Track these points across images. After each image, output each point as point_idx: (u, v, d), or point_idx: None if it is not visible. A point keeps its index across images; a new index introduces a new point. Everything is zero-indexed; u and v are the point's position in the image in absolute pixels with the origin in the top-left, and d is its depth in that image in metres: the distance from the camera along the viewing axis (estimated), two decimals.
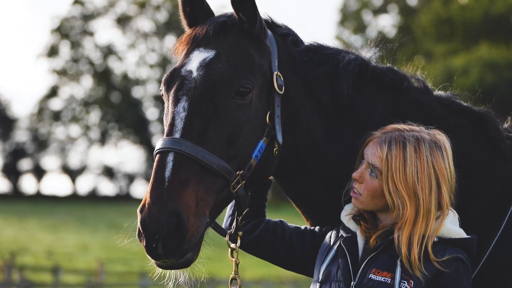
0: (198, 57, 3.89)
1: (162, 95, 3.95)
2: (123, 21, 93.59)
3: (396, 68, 4.29)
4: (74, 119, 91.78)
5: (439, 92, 4.34)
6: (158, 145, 3.73)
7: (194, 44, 3.95)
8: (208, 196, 3.67)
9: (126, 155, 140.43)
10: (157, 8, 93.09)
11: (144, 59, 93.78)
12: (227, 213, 4.21)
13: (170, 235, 3.53)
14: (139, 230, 3.57)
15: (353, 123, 4.11)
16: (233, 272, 3.93)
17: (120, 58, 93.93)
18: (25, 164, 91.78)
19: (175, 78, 3.88)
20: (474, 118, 4.23)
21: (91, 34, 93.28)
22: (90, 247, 45.21)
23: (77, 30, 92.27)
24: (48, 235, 49.40)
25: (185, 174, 3.62)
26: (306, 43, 4.20)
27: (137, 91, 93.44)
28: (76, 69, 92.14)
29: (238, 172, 3.77)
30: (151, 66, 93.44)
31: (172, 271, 3.76)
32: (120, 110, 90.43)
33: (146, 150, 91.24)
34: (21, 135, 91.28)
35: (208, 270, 3.83)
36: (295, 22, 4.27)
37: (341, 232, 3.93)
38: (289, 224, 4.19)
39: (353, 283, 3.75)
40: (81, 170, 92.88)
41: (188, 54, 3.94)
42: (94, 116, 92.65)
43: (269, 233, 4.12)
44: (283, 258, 4.13)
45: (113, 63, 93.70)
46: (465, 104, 4.32)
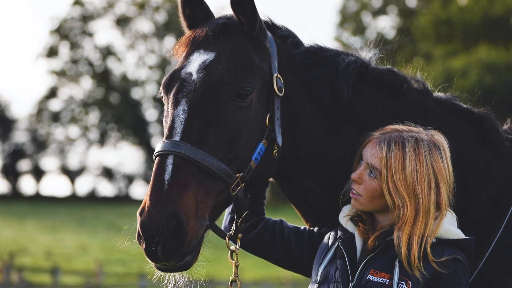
0: (198, 59, 3.88)
1: (162, 98, 3.94)
2: (123, 22, 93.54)
3: (396, 70, 4.28)
4: (73, 120, 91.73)
5: (439, 94, 4.34)
6: (158, 148, 3.72)
7: (194, 46, 3.94)
8: (208, 199, 3.67)
9: (125, 156, 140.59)
10: (156, 9, 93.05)
11: (144, 60, 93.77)
12: (227, 212, 4.20)
13: (170, 238, 3.52)
14: (139, 233, 3.57)
15: (353, 124, 4.10)
16: (233, 274, 3.92)
17: (120, 59, 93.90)
18: (24, 165, 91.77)
19: (175, 80, 3.87)
20: (474, 120, 4.23)
21: (91, 35, 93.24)
22: (89, 248, 45.19)
23: (77, 31, 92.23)
24: (47, 236, 49.37)
25: (185, 177, 3.62)
26: (306, 45, 4.20)
27: (136, 92, 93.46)
28: (75, 70, 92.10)
29: (238, 175, 3.77)
30: (151, 67, 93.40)
31: (172, 274, 3.75)
32: (119, 111, 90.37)
33: (145, 151, 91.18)
34: (20, 136, 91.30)
35: (207, 272, 3.82)
36: (295, 23, 4.28)
37: (339, 233, 3.93)
38: (289, 224, 4.19)
39: (351, 284, 3.75)
40: (80, 171, 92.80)
41: (188, 56, 3.93)
42: (93, 117, 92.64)
43: (268, 232, 4.12)
44: (281, 258, 4.12)
45: (113, 64, 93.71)
46: (465, 106, 4.32)
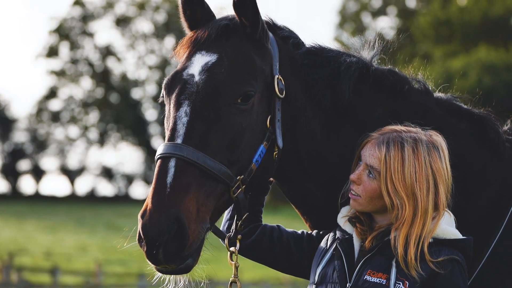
0: (200, 61, 3.86)
1: (163, 97, 3.91)
2: (122, 22, 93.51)
3: (398, 70, 4.27)
4: (73, 120, 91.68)
5: (439, 94, 4.34)
6: (160, 150, 3.70)
7: (196, 47, 3.91)
8: (209, 202, 3.66)
9: (125, 156, 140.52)
10: (156, 9, 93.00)
11: (143, 60, 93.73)
12: (225, 218, 4.19)
13: (171, 242, 3.52)
14: (140, 235, 3.56)
15: (354, 125, 4.10)
16: (233, 275, 3.91)
17: (119, 59, 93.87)
18: (24, 165, 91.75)
19: (177, 82, 3.85)
20: (474, 121, 4.22)
21: (90, 35, 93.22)
22: (89, 248, 45.18)
23: (77, 31, 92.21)
24: (47, 236, 49.36)
25: (187, 180, 3.61)
26: (307, 45, 4.18)
27: (136, 92, 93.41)
28: (75, 70, 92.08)
29: (239, 177, 3.76)
30: (150, 67, 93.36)
31: (172, 276, 3.75)
32: (119, 111, 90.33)
33: (145, 151, 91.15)
34: (20, 136, 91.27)
35: (206, 272, 3.82)
36: (294, 23, 4.26)
37: (338, 234, 3.93)
38: (286, 229, 4.18)
39: (349, 285, 3.75)
40: (80, 171, 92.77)
41: (190, 57, 3.91)
42: (93, 117, 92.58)
43: (266, 237, 4.11)
44: (281, 262, 4.11)
45: (112, 64, 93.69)
46: (465, 107, 4.31)
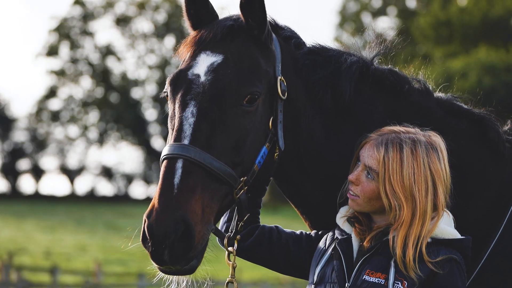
0: (206, 61, 3.84)
1: (167, 96, 3.90)
2: (122, 22, 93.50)
3: (398, 70, 4.27)
4: (73, 120, 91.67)
5: (440, 94, 4.33)
6: (166, 151, 3.68)
7: (201, 47, 3.89)
8: (213, 203, 3.65)
9: (125, 156, 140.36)
10: (156, 9, 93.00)
11: (143, 60, 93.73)
12: (222, 220, 4.17)
13: (178, 243, 3.51)
14: (145, 236, 3.55)
15: (354, 125, 4.09)
16: (230, 276, 3.91)
17: (119, 59, 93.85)
18: (24, 164, 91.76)
19: (182, 81, 3.83)
20: (474, 121, 4.22)
21: (90, 35, 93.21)
22: (88, 248, 45.18)
23: (76, 31, 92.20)
24: (46, 235, 49.35)
25: (193, 181, 3.60)
26: (309, 45, 4.18)
27: (136, 92, 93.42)
28: (75, 70, 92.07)
29: (242, 179, 3.76)
30: (150, 67, 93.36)
31: (175, 276, 3.74)
32: (119, 111, 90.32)
33: (145, 151, 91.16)
34: (20, 135, 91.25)
35: (206, 272, 3.81)
36: (294, 23, 4.25)
37: (336, 234, 3.92)
38: (285, 229, 4.17)
39: (347, 285, 3.75)
40: (80, 171, 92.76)
41: (195, 57, 3.89)
42: (93, 117, 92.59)
43: (265, 238, 4.10)
44: (280, 262, 4.11)
45: (112, 64, 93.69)
46: (465, 107, 4.31)
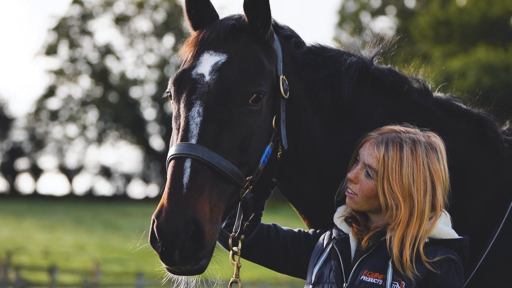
0: (210, 61, 3.84)
1: (170, 96, 3.89)
2: (121, 21, 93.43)
3: (397, 70, 4.27)
4: (72, 119, 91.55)
5: (439, 94, 4.34)
6: (174, 150, 3.68)
7: (204, 47, 3.89)
8: (220, 203, 3.66)
9: (123, 155, 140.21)
10: (155, 8, 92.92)
11: (142, 59, 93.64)
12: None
13: (188, 243, 3.51)
14: (154, 236, 3.53)
15: (353, 124, 4.10)
16: (234, 275, 3.90)
17: (118, 58, 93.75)
18: (22, 164, 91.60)
19: (186, 81, 3.83)
20: (473, 121, 4.23)
21: (89, 34, 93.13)
22: (87, 247, 45.15)
23: (75, 30, 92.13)
24: (45, 235, 49.32)
25: (202, 181, 3.60)
26: (308, 45, 4.19)
27: (135, 91, 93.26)
28: (74, 69, 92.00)
29: (248, 178, 3.77)
30: (149, 67, 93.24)
31: (184, 276, 3.73)
32: (118, 110, 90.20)
33: (144, 150, 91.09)
34: (18, 135, 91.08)
35: (208, 272, 3.80)
36: (293, 23, 4.26)
37: (334, 234, 3.93)
38: (283, 227, 4.17)
39: (345, 285, 3.75)
40: (78, 170, 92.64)
41: (198, 57, 3.88)
42: (92, 116, 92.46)
43: (264, 236, 4.10)
44: (279, 261, 4.11)
45: (111, 63, 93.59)
46: (464, 107, 4.32)
